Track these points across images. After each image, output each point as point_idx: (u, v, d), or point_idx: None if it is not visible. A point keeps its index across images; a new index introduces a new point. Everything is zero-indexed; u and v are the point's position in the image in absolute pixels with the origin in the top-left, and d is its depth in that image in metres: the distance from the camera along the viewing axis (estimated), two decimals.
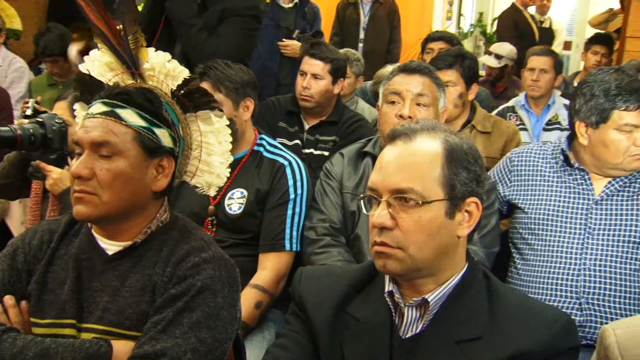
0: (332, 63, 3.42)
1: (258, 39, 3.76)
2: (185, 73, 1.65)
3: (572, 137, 2.39)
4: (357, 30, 6.14)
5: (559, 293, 2.25)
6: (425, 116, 2.34)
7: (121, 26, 1.59)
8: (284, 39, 4.56)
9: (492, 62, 5.63)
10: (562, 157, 2.39)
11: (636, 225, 2.24)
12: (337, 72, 3.45)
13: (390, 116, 2.38)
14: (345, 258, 2.39)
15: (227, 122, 1.72)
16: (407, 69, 2.44)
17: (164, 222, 1.65)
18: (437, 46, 4.47)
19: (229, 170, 1.75)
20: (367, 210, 1.48)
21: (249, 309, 2.36)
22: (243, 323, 2.30)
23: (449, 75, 3.14)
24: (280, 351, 1.54)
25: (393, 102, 2.40)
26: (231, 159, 1.74)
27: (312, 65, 3.43)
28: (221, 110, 1.70)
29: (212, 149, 1.70)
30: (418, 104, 2.38)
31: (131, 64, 1.63)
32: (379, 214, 1.42)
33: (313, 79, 3.40)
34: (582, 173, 2.33)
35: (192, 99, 1.65)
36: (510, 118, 4.28)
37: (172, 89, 1.65)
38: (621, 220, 2.26)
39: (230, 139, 1.73)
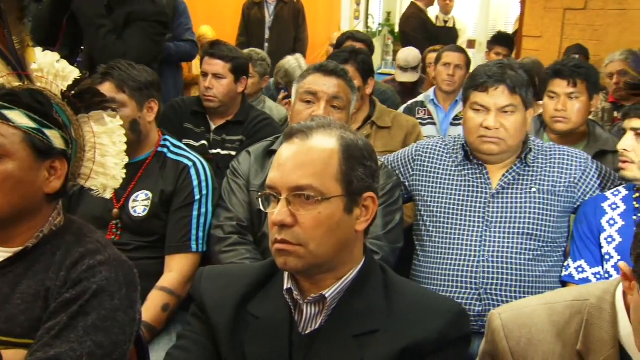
0: (232, 62, 3.40)
1: (164, 44, 3.74)
2: (75, 73, 1.61)
3: None
4: (262, 30, 6.14)
5: (459, 284, 2.32)
6: (339, 119, 2.33)
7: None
8: None
9: (411, 77, 5.52)
10: (462, 152, 2.47)
11: (528, 217, 2.34)
12: (239, 71, 3.43)
13: (304, 115, 2.38)
14: (253, 256, 2.39)
15: (121, 123, 1.68)
16: (324, 70, 2.44)
17: (57, 226, 1.61)
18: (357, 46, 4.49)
19: (125, 171, 1.71)
20: (266, 208, 1.49)
21: (155, 312, 2.34)
22: (150, 326, 2.29)
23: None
24: (181, 353, 1.53)
25: (308, 102, 2.41)
26: (126, 159, 1.71)
27: (212, 65, 3.40)
28: (114, 110, 1.67)
29: (107, 150, 1.67)
30: (333, 106, 2.40)
31: (17, 65, 1.58)
32: (279, 212, 1.43)
33: (215, 79, 3.38)
34: (480, 167, 2.42)
35: (83, 99, 1.61)
36: (419, 112, 4.37)
37: (62, 89, 1.61)
38: (515, 212, 2.35)
39: (125, 139, 1.69)
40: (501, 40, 5.72)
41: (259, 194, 1.52)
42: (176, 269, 2.45)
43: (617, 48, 4.80)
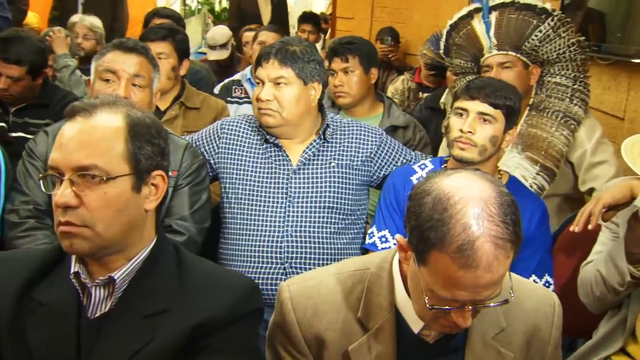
0: (28, 64, 3.20)
1: None
2: None
3: None
4: (75, 5, 5.84)
5: (264, 260, 2.36)
6: (141, 98, 2.29)
7: None
8: None
9: (220, 54, 5.55)
10: (261, 131, 2.50)
11: (329, 192, 2.42)
12: (37, 68, 3.25)
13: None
14: (52, 241, 2.26)
15: None
16: (124, 47, 2.35)
17: None
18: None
19: None
20: (49, 190, 1.42)
21: None
22: None
23: (163, 47, 3.18)
24: None
25: (107, 80, 2.31)
26: None
27: (6, 69, 3.17)
28: None
29: None
30: (134, 85, 2.32)
31: None
32: (62, 193, 1.37)
33: (11, 80, 3.18)
34: (278, 147, 2.46)
35: None
36: (236, 91, 4.37)
37: None
38: (316, 187, 2.42)
39: None
40: (306, 19, 6.08)
41: (40, 175, 1.45)
42: None
43: (420, 31, 5.07)
